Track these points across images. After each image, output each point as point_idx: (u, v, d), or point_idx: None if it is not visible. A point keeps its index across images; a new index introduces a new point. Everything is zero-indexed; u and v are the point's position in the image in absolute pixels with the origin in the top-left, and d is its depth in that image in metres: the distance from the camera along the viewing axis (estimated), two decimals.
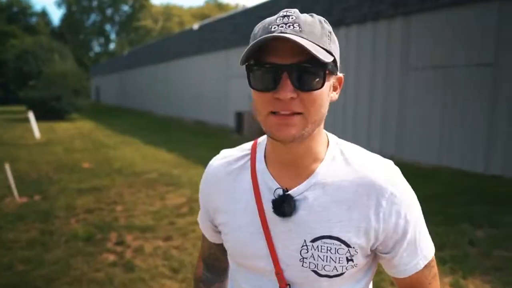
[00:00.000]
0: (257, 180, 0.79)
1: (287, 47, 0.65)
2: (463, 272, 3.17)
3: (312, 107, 0.68)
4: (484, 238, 3.90)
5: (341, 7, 9.37)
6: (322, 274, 0.75)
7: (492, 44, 6.50)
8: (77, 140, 11.60)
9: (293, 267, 0.77)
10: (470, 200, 5.17)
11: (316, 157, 0.77)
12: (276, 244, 0.77)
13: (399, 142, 8.19)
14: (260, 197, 0.78)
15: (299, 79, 0.66)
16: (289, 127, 0.68)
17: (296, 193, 0.76)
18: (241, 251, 0.81)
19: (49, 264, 3.35)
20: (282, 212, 0.75)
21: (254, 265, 0.80)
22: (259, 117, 0.72)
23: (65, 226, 4.30)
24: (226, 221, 0.83)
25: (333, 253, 0.74)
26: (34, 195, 5.54)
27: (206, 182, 0.89)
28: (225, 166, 0.86)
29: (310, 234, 0.75)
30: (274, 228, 0.77)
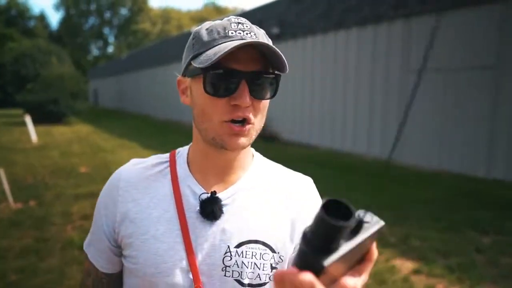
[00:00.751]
0: (178, 185, 0.74)
1: (247, 54, 0.66)
2: (471, 281, 3.08)
3: (260, 116, 0.70)
4: (491, 245, 3.82)
5: (341, 9, 9.32)
6: (245, 283, 0.71)
7: (494, 47, 6.44)
8: (75, 144, 11.49)
9: (215, 277, 0.70)
10: (473, 205, 5.08)
11: (242, 166, 0.77)
12: (197, 254, 0.71)
13: (400, 146, 8.11)
14: (182, 203, 0.73)
15: (255, 87, 0.67)
16: (241, 137, 0.68)
17: (223, 197, 0.73)
18: (155, 266, 0.70)
19: (44, 272, 3.25)
20: (212, 214, 0.71)
21: (169, 280, 0.70)
22: (208, 124, 0.69)
23: (60, 233, 4.19)
24: (137, 231, 0.73)
25: (258, 259, 0.71)
26: (30, 200, 5.43)
27: (113, 188, 0.78)
28: (139, 172, 0.78)
29: (235, 240, 0.71)
30: (195, 236, 0.71)
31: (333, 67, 9.64)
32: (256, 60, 0.67)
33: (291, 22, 11.01)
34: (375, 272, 3.22)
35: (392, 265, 3.36)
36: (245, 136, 0.68)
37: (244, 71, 0.65)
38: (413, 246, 3.80)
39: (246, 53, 0.65)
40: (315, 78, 10.28)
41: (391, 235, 4.07)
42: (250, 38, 0.66)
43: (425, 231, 4.15)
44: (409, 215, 4.68)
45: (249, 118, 0.67)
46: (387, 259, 3.49)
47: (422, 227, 4.27)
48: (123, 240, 0.74)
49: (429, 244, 3.83)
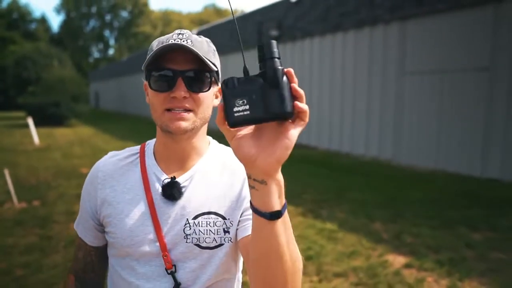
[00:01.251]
0: (146, 172, 0.90)
1: (182, 57, 0.81)
2: (460, 274, 3.19)
3: (200, 106, 0.84)
4: (481, 241, 3.93)
5: (338, 12, 9.45)
6: (204, 246, 0.86)
7: (488, 49, 6.56)
8: (76, 146, 11.62)
9: (179, 245, 0.86)
10: (468, 204, 5.19)
11: (199, 152, 0.92)
12: (162, 228, 0.86)
13: (396, 147, 8.22)
14: (149, 187, 0.88)
15: (190, 82, 0.82)
16: (182, 121, 0.82)
17: (182, 180, 0.88)
18: (130, 239, 0.86)
19: (48, 269, 3.36)
20: (171, 195, 0.86)
21: (141, 250, 0.86)
22: (155, 114, 0.85)
23: (64, 231, 4.31)
24: (114, 212, 0.89)
25: (212, 226, 0.86)
26: (33, 200, 5.55)
27: (93, 177, 0.94)
28: (115, 163, 0.94)
29: (192, 213, 0.87)
30: (160, 213, 0.87)
31: (331, 69, 9.77)
32: (192, 61, 0.81)
33: (289, 25, 11.14)
34: (368, 266, 3.34)
35: (385, 260, 3.47)
36: (185, 121, 0.82)
37: (179, 70, 0.80)
38: (406, 242, 3.91)
39: (182, 56, 0.81)
40: (313, 79, 10.40)
41: (384, 232, 4.18)
42: (185, 44, 0.80)
43: (418, 228, 4.26)
44: (403, 213, 4.80)
45: (187, 107, 0.82)
46: (380, 254, 3.60)
47: (415, 225, 4.39)
48: (104, 219, 0.90)
49: (421, 240, 3.94)
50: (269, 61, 0.56)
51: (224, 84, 0.57)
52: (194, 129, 0.85)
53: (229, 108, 0.56)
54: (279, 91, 0.54)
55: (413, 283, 3.07)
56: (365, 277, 3.16)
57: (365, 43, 8.80)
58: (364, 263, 3.40)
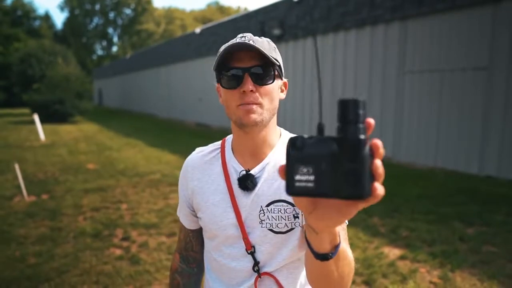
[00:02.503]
0: (226, 166, 1.02)
1: (247, 55, 0.91)
2: (452, 265, 3.34)
3: (266, 98, 0.92)
4: (474, 235, 4.07)
5: (340, 12, 9.57)
6: (276, 231, 0.96)
7: (487, 48, 6.68)
8: (81, 143, 11.81)
9: (255, 229, 0.97)
10: (463, 200, 5.32)
11: (270, 145, 1.00)
12: (242, 214, 0.98)
13: (396, 145, 8.36)
14: (229, 179, 1.00)
15: (256, 76, 0.90)
16: (252, 114, 0.91)
17: (255, 172, 0.99)
18: (216, 223, 1.00)
19: (60, 257, 3.54)
20: (246, 187, 0.97)
21: (226, 233, 0.99)
22: (229, 110, 0.94)
23: (73, 223, 4.49)
24: (202, 200, 1.03)
25: (283, 213, 0.96)
26: (42, 194, 5.73)
27: (185, 171, 1.09)
28: (200, 158, 1.08)
29: (265, 201, 0.97)
30: (239, 202, 0.98)
31: (332, 68, 9.91)
32: (255, 58, 0.90)
33: (292, 24, 11.28)
34: (364, 258, 3.49)
35: (380, 252, 3.62)
36: (255, 113, 0.90)
37: (244, 67, 0.90)
38: (402, 236, 4.06)
39: (247, 55, 0.90)
40: (315, 78, 10.54)
41: (381, 226, 4.33)
42: (246, 42, 0.90)
43: (414, 223, 4.41)
44: (401, 208, 4.94)
45: (255, 99, 0.90)
46: (376, 247, 3.76)
47: (411, 219, 4.53)
48: (195, 206, 1.06)
49: (417, 234, 4.09)
50: (351, 126, 0.46)
51: (290, 143, 0.49)
52: (263, 121, 0.93)
53: (290, 174, 0.48)
54: (357, 167, 0.45)
55: (406, 273, 3.23)
56: (361, 267, 3.32)
57: (366, 42, 8.93)
58: (360, 255, 3.56)
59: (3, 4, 40.70)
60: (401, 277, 3.18)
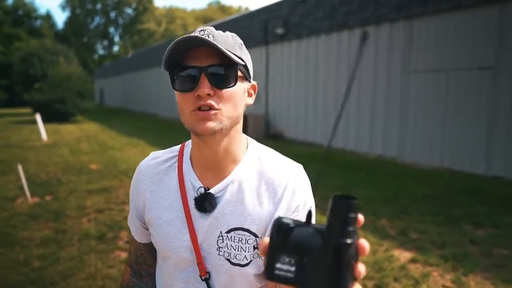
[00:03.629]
0: (183, 179, 0.89)
1: (203, 52, 0.77)
2: (464, 269, 3.27)
3: (227, 103, 0.79)
4: (485, 237, 4.01)
5: (344, 11, 9.50)
6: (234, 263, 0.84)
7: (493, 48, 6.61)
8: (83, 142, 11.75)
9: (212, 256, 0.86)
10: (471, 201, 5.26)
11: (234, 158, 0.87)
12: (198, 236, 0.86)
13: (401, 145, 8.29)
14: (186, 195, 0.87)
15: (214, 78, 0.77)
16: (208, 121, 0.77)
17: (216, 191, 0.86)
18: (168, 244, 0.88)
19: (64, 261, 3.48)
20: (203, 208, 0.85)
21: (179, 256, 0.88)
22: (183, 116, 0.81)
23: (77, 225, 4.43)
24: (154, 216, 0.90)
25: (244, 243, 0.84)
26: (45, 195, 5.68)
27: (137, 179, 0.96)
28: (154, 167, 0.94)
29: (226, 226, 0.85)
30: (196, 222, 0.86)
31: (336, 67, 9.83)
32: (214, 56, 0.76)
33: (295, 23, 11.20)
34: (374, 261, 3.43)
35: (391, 255, 3.56)
36: (212, 121, 0.77)
37: (200, 66, 0.76)
38: (411, 238, 4.00)
39: (204, 52, 0.77)
40: (319, 77, 10.47)
41: (390, 228, 4.27)
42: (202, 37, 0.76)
43: (424, 225, 4.35)
44: (408, 210, 4.88)
45: (212, 105, 0.76)
46: (386, 249, 3.69)
47: (420, 221, 4.47)
48: (147, 221, 0.93)
49: (427, 236, 4.03)
50: (339, 228, 0.45)
51: (275, 226, 0.48)
52: (223, 130, 0.79)
53: (271, 261, 0.48)
54: (338, 271, 0.45)
55: (419, 277, 3.16)
56: (372, 271, 3.25)
57: (371, 42, 8.86)
58: (370, 258, 3.49)
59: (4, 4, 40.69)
60: (414, 281, 3.11)
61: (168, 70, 0.80)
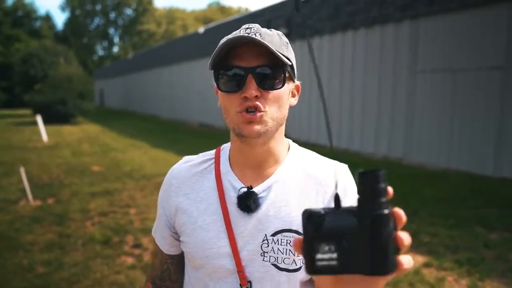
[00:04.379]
0: (221, 180, 0.83)
1: (250, 52, 0.74)
2: (480, 274, 3.19)
3: (273, 105, 0.76)
4: (499, 241, 3.92)
5: (349, 11, 9.42)
6: (282, 268, 0.78)
7: (503, 47, 6.53)
8: (85, 144, 11.67)
9: (255, 262, 0.79)
10: (481, 203, 5.18)
11: (277, 159, 0.83)
12: (238, 241, 0.80)
13: (407, 145, 8.21)
14: (224, 197, 0.82)
15: (262, 79, 0.74)
16: (254, 124, 0.74)
17: (259, 190, 0.81)
18: (203, 251, 0.81)
19: (69, 266, 3.40)
20: (247, 207, 0.79)
21: (215, 264, 0.81)
22: (228, 117, 0.78)
23: (81, 229, 4.34)
24: (188, 221, 0.84)
25: (292, 246, 0.77)
26: (47, 198, 5.59)
27: (168, 184, 0.90)
28: (188, 170, 0.89)
29: (271, 229, 0.79)
30: (236, 226, 0.80)
31: (341, 67, 9.76)
32: (262, 56, 0.73)
33: (299, 23, 11.13)
34: None
35: None
36: (258, 124, 0.74)
37: (247, 67, 0.73)
38: (423, 241, 3.91)
39: (251, 51, 0.74)
40: (323, 78, 10.39)
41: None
42: (251, 37, 0.73)
43: (434, 228, 4.26)
44: (418, 212, 4.79)
45: (259, 107, 0.74)
46: None
47: (431, 224, 4.39)
48: (178, 228, 0.87)
49: (439, 239, 3.94)
50: (372, 202, 0.43)
51: (306, 218, 0.45)
52: (268, 132, 0.76)
53: (311, 252, 0.44)
54: (379, 243, 0.43)
55: (434, 283, 3.08)
56: None
57: (376, 42, 8.78)
58: None
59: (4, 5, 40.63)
60: (429, 286, 3.03)
61: (213, 69, 0.78)
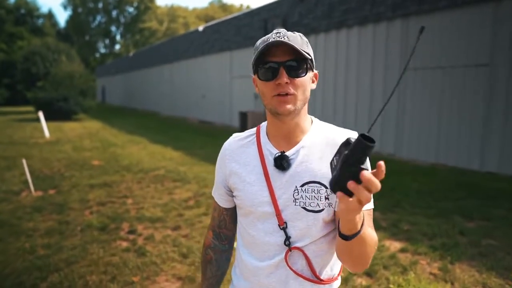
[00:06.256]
0: (261, 148, 1.10)
1: (281, 51, 1.00)
2: (451, 258, 3.40)
3: (299, 89, 1.02)
4: (474, 229, 4.13)
5: (342, 9, 9.62)
6: (309, 210, 1.03)
7: (488, 45, 6.72)
8: (86, 139, 11.91)
9: (288, 207, 1.04)
10: (464, 195, 5.38)
11: (303, 130, 1.09)
12: (276, 192, 1.06)
13: (398, 141, 8.41)
14: (264, 160, 1.09)
15: (290, 69, 1.00)
16: (287, 104, 1.00)
17: (290, 154, 1.07)
18: (251, 201, 1.08)
19: (68, 249, 3.63)
20: (281, 166, 1.05)
21: (261, 210, 1.07)
22: (265, 100, 1.03)
23: (80, 217, 4.58)
24: (239, 180, 1.11)
25: (316, 193, 1.03)
26: (49, 189, 5.83)
27: (223, 154, 1.18)
28: (237, 142, 1.17)
29: (300, 181, 1.04)
30: (274, 181, 1.06)
31: (335, 65, 9.96)
32: (289, 53, 0.99)
33: (294, 22, 11.32)
34: None
35: (381, 245, 3.69)
36: (289, 103, 0.99)
37: (279, 61, 0.99)
38: (403, 229, 4.13)
39: (281, 49, 0.99)
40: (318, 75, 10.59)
41: (383, 220, 4.40)
42: (283, 39, 0.99)
43: (415, 217, 4.48)
44: (402, 203, 5.01)
45: (289, 90, 0.99)
46: (378, 240, 3.82)
47: (412, 214, 4.60)
48: (232, 186, 1.14)
49: (417, 228, 4.16)
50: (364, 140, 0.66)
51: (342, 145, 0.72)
52: (296, 110, 1.02)
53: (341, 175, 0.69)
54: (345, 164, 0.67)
55: (407, 265, 3.30)
56: None
57: (369, 40, 8.98)
58: None
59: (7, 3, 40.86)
60: (402, 269, 3.24)
61: (254, 64, 1.03)
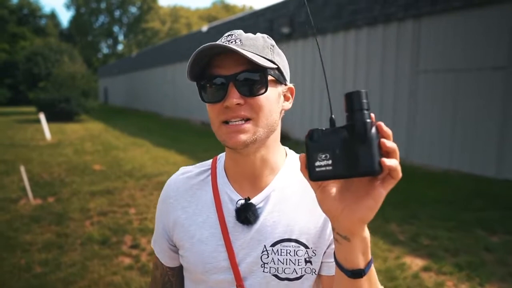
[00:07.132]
0: (218, 193, 0.82)
1: (230, 60, 0.71)
2: (480, 279, 3.15)
3: (260, 112, 0.73)
4: (500, 244, 3.88)
5: (351, 10, 9.36)
6: (283, 278, 0.77)
7: (505, 48, 6.46)
8: (87, 142, 11.70)
9: (255, 274, 0.78)
10: (482, 205, 5.13)
11: (273, 168, 0.81)
12: (237, 254, 0.78)
13: (409, 146, 8.15)
14: (222, 209, 0.80)
15: (243, 86, 0.71)
16: (240, 134, 0.72)
17: (256, 202, 0.79)
18: (202, 265, 0.80)
19: (66, 266, 3.39)
20: (246, 219, 0.77)
21: (216, 278, 0.79)
22: (214, 128, 0.76)
23: (80, 228, 4.34)
24: (186, 235, 0.82)
25: (292, 255, 0.77)
26: (48, 197, 5.60)
27: (165, 196, 0.89)
28: (185, 182, 0.87)
29: (270, 239, 0.78)
30: (235, 238, 0.79)
31: (343, 66, 9.70)
32: (241, 62, 0.71)
33: (301, 22, 11.08)
34: (386, 269, 3.31)
35: (402, 262, 3.44)
36: (244, 133, 0.71)
37: (227, 75, 0.71)
38: (423, 244, 3.88)
39: (229, 59, 0.71)
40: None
41: (400, 234, 4.15)
42: (232, 45, 0.71)
43: (434, 230, 4.22)
44: (418, 214, 4.76)
45: (244, 116, 0.71)
46: (397, 256, 3.58)
47: (431, 226, 4.35)
48: (176, 242, 0.85)
49: (438, 242, 3.91)
50: (357, 113, 0.53)
51: (308, 137, 0.55)
52: (257, 141, 0.74)
53: (311, 162, 0.54)
54: (365, 146, 0.51)
55: (433, 287, 3.05)
56: (384, 280, 3.14)
57: (379, 41, 8.72)
58: (381, 266, 3.38)
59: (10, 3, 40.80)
60: None
61: (195, 80, 0.75)
